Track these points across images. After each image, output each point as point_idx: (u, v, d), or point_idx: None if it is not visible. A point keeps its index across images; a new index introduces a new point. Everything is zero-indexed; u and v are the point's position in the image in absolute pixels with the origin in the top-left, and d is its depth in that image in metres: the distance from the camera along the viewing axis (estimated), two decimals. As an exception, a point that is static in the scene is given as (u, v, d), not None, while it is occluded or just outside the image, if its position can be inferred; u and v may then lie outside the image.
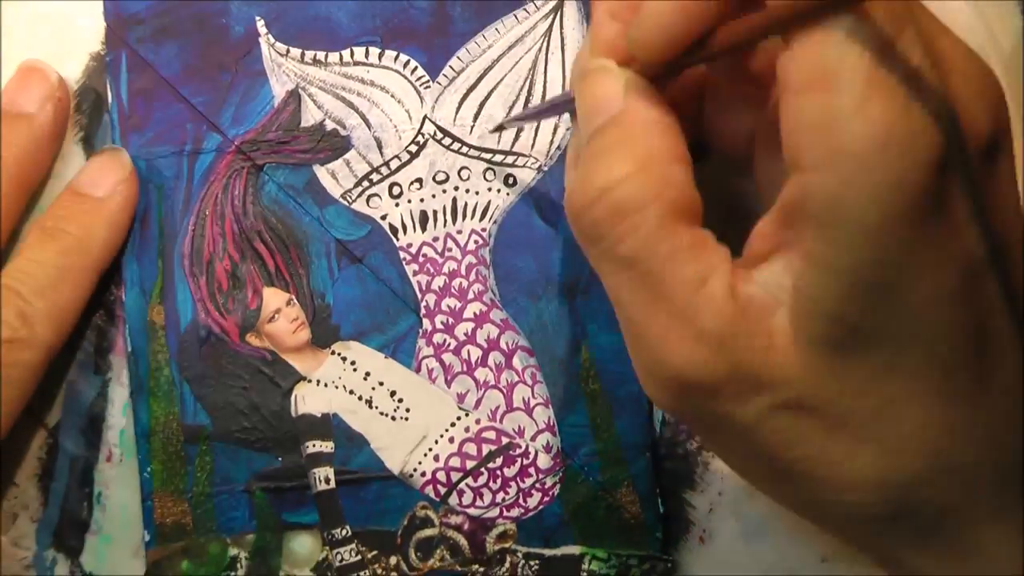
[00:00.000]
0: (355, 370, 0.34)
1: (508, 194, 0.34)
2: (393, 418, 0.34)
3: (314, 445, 0.34)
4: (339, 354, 0.34)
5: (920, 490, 0.23)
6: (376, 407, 0.34)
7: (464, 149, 0.34)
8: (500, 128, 0.34)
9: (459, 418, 0.34)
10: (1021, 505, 0.24)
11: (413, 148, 0.34)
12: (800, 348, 0.22)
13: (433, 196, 0.34)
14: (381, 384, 0.34)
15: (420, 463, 0.34)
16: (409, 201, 0.34)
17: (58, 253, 0.32)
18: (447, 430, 0.34)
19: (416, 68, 0.34)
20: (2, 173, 0.32)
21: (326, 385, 0.34)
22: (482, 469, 0.34)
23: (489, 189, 0.34)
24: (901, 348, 0.22)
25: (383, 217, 0.34)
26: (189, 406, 0.33)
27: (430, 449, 0.34)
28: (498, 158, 0.34)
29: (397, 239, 0.34)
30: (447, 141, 0.34)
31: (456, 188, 0.34)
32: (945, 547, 0.24)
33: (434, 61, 0.34)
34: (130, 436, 0.34)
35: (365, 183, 0.34)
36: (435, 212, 0.34)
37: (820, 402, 0.23)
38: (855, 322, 0.22)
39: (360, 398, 0.34)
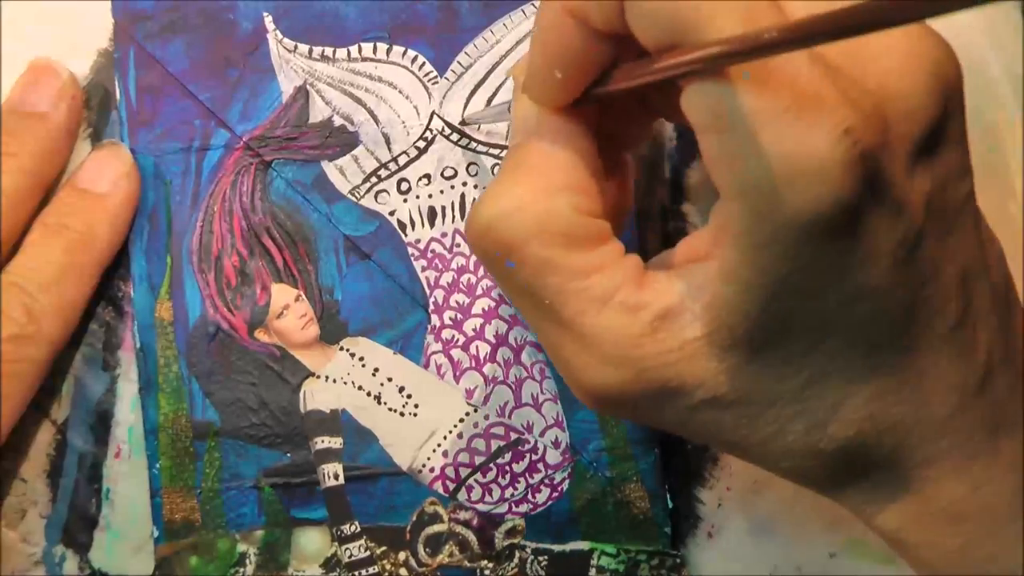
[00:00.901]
0: (364, 366, 0.34)
1: (516, 190, 0.34)
2: (402, 414, 0.34)
3: (323, 441, 0.34)
4: (348, 350, 0.34)
5: (854, 450, 0.24)
6: (385, 403, 0.34)
7: (472, 145, 0.34)
8: (464, 123, 0.34)
9: (468, 414, 0.34)
10: (964, 442, 0.25)
11: (421, 144, 0.34)
12: (713, 354, 0.23)
13: (441, 192, 0.34)
14: (390, 380, 0.34)
15: (429, 459, 0.34)
16: (417, 197, 0.34)
17: (62, 250, 0.32)
18: (456, 426, 0.34)
19: (424, 64, 0.34)
20: (21, 171, 0.32)
21: (335, 381, 0.34)
22: (491, 465, 0.34)
23: (497, 185, 0.34)
24: (818, 338, 0.23)
25: (391, 213, 0.34)
26: (198, 402, 0.33)
27: (439, 445, 0.34)
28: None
29: (405, 235, 0.34)
30: (455, 137, 0.34)
31: (464, 184, 0.34)
32: (890, 491, 0.25)
33: (442, 57, 0.34)
34: (139, 432, 0.34)
35: (373, 179, 0.34)
36: (443, 208, 0.34)
37: (739, 395, 0.24)
38: (769, 327, 0.23)
39: (369, 394, 0.34)
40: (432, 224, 0.34)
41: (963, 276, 0.24)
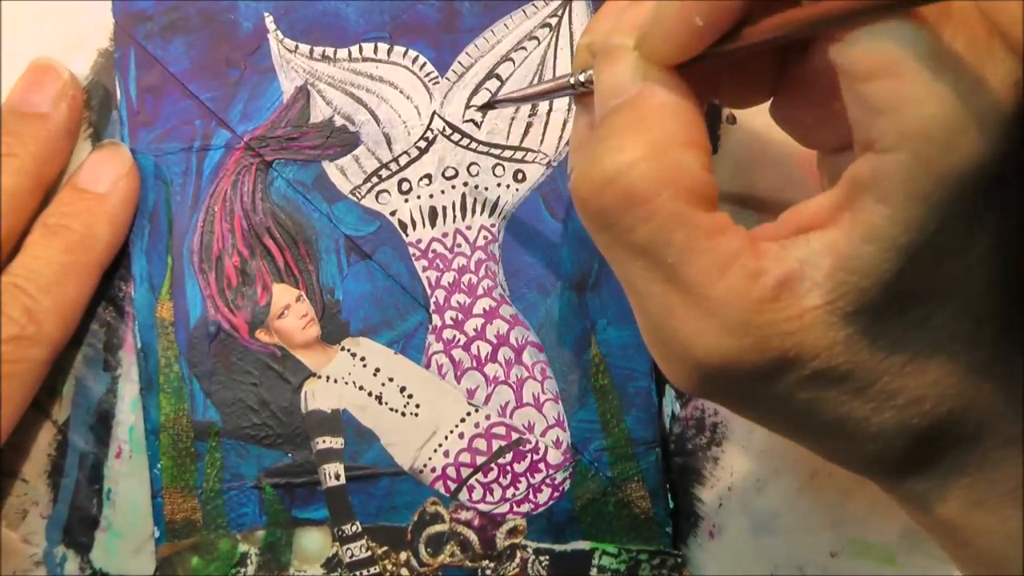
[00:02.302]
0: (365, 366, 0.34)
1: (517, 190, 0.34)
2: (403, 414, 0.34)
3: (324, 441, 0.34)
4: (349, 350, 0.34)
5: (941, 428, 0.24)
6: (386, 403, 0.34)
7: (473, 145, 0.34)
8: (489, 106, 0.33)
9: (469, 414, 0.34)
10: None
11: (422, 144, 0.34)
12: (832, 323, 0.23)
13: (442, 192, 0.34)
14: (391, 380, 0.34)
15: (430, 459, 0.34)
16: (418, 197, 0.34)
17: (62, 250, 0.32)
18: (457, 426, 0.34)
19: (425, 64, 0.34)
20: (21, 171, 0.32)
21: (336, 381, 0.34)
22: (492, 465, 0.34)
23: (498, 185, 0.34)
24: (939, 305, 0.23)
25: (392, 213, 0.34)
26: (199, 402, 0.33)
27: (440, 445, 0.34)
28: (507, 154, 0.34)
29: (406, 235, 0.34)
30: (456, 137, 0.34)
31: (465, 184, 0.34)
32: (960, 472, 0.24)
33: (443, 57, 0.34)
34: (140, 432, 0.34)
35: (374, 179, 0.34)
36: (444, 208, 0.34)
37: (850, 367, 0.23)
38: (900, 289, 0.22)
39: (370, 394, 0.34)
40: (433, 224, 0.34)
41: None
